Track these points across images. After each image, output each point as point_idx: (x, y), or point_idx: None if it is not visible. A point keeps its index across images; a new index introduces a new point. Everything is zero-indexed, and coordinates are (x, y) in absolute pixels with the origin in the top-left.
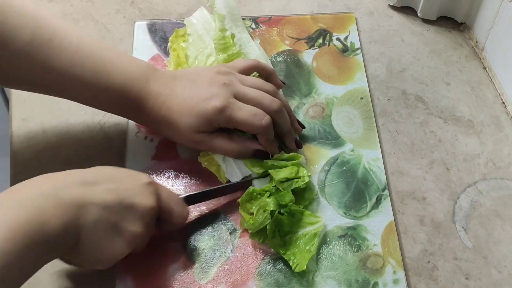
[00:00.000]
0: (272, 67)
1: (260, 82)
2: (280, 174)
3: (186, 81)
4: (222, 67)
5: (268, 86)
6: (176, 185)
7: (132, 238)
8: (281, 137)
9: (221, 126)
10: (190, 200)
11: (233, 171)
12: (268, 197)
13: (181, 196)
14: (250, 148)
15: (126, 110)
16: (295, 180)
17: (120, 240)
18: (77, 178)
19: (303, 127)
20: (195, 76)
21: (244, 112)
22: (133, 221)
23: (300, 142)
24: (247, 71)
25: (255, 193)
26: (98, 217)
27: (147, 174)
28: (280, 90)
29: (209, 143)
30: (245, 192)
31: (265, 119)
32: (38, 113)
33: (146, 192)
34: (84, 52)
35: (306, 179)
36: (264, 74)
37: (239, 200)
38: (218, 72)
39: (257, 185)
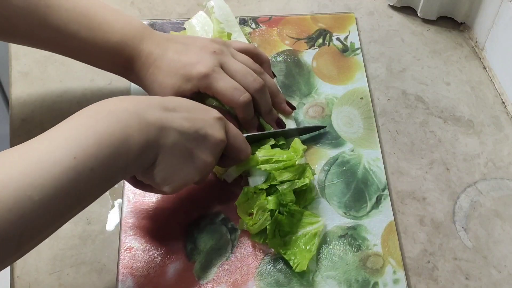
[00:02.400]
0: (267, 57)
1: (250, 61)
2: (283, 175)
3: (179, 44)
4: (218, 39)
5: (256, 66)
6: None
7: (202, 166)
8: (261, 115)
9: (201, 91)
10: (252, 139)
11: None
12: (266, 196)
13: (245, 135)
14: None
15: (118, 67)
16: (296, 180)
17: (192, 166)
18: (158, 102)
19: (293, 108)
20: (189, 40)
21: (225, 84)
22: (205, 150)
23: (282, 121)
24: (242, 52)
25: (250, 193)
26: (176, 141)
27: (217, 110)
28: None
29: None
30: (240, 193)
31: (244, 95)
32: (38, 113)
33: (217, 125)
34: (81, 10)
35: (307, 181)
36: (259, 60)
37: (236, 203)
38: (212, 41)
39: (252, 183)
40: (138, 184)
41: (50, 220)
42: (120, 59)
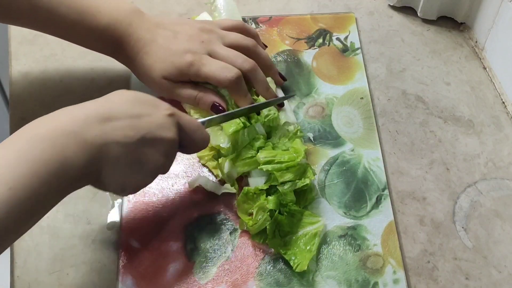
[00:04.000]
0: (255, 31)
1: (240, 37)
2: (285, 176)
3: (168, 31)
4: (206, 24)
5: (248, 41)
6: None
7: (154, 169)
8: (259, 94)
9: (192, 80)
10: (210, 123)
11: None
12: (266, 196)
13: (200, 121)
14: (210, 99)
15: (108, 49)
16: (297, 181)
17: (142, 172)
18: (96, 113)
19: (284, 79)
20: (178, 28)
21: (212, 66)
22: (154, 153)
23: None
24: (230, 30)
25: (250, 193)
26: (119, 154)
27: (168, 104)
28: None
29: (174, 90)
30: (240, 193)
31: (232, 72)
32: (38, 113)
33: (166, 124)
34: None
35: (307, 181)
36: (248, 35)
37: (235, 203)
38: (201, 29)
39: (252, 184)
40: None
41: None
42: (109, 42)
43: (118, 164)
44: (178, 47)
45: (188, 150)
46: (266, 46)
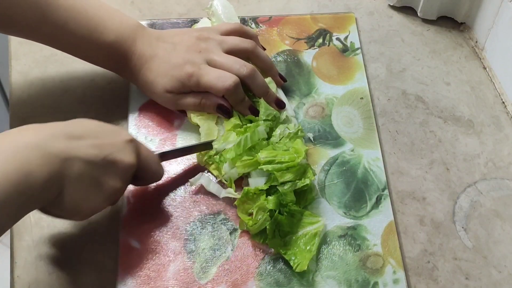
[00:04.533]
0: (254, 32)
1: (238, 40)
2: (285, 176)
3: (168, 44)
4: (204, 32)
5: (247, 43)
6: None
7: (111, 192)
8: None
9: (194, 90)
10: (165, 156)
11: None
12: (266, 196)
13: (156, 153)
14: (214, 102)
15: (113, 65)
16: (297, 181)
17: (100, 194)
18: (62, 130)
19: (284, 80)
20: (177, 39)
21: (210, 76)
22: (114, 176)
23: (281, 101)
24: (229, 34)
25: (250, 193)
26: (81, 171)
27: (128, 132)
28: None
29: (178, 101)
30: (241, 193)
31: (229, 80)
32: (38, 113)
33: (127, 149)
34: (79, 10)
35: (308, 181)
36: (247, 37)
37: (235, 203)
38: (198, 38)
39: (252, 184)
40: (45, 210)
41: None
42: (114, 57)
43: (79, 182)
44: (177, 60)
45: (140, 182)
46: (265, 49)
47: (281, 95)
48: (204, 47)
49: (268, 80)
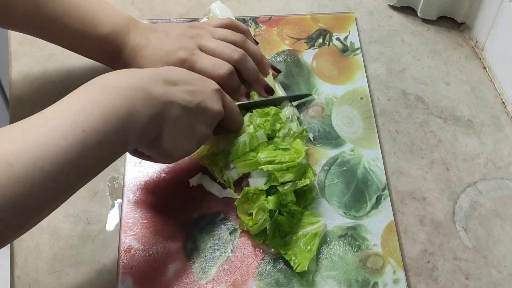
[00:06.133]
0: (246, 26)
1: (228, 32)
2: (286, 176)
3: (160, 32)
4: (195, 23)
5: (237, 35)
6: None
7: (202, 138)
8: (250, 83)
9: None
10: (246, 107)
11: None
12: (266, 197)
13: (238, 104)
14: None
15: (107, 58)
16: (297, 181)
17: (192, 138)
18: (160, 75)
19: (279, 71)
20: (169, 28)
21: (205, 62)
22: (204, 122)
23: (270, 88)
24: (221, 27)
25: (250, 194)
26: (179, 115)
27: (214, 81)
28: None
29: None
30: (240, 193)
31: (224, 68)
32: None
33: (216, 97)
34: (73, 3)
35: (308, 181)
36: (239, 31)
37: (235, 203)
38: (190, 26)
39: (252, 184)
40: (136, 153)
41: (60, 192)
42: (109, 50)
43: (176, 125)
44: (170, 46)
45: (221, 130)
46: (258, 43)
47: (280, 91)
48: (195, 33)
49: (269, 79)
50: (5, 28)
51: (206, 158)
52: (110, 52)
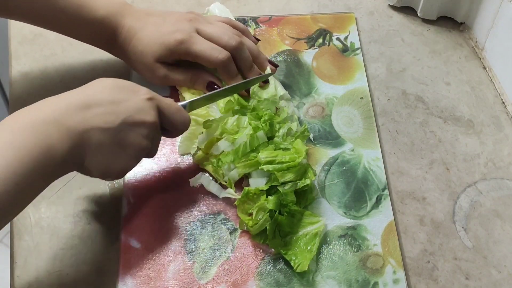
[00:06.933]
0: (244, 26)
1: (227, 26)
2: (286, 176)
3: (157, 17)
4: (194, 11)
5: (234, 31)
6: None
7: (138, 152)
8: (243, 72)
9: (182, 58)
10: (193, 105)
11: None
12: (267, 197)
13: (180, 104)
14: (204, 78)
15: (103, 41)
16: (298, 181)
17: (125, 155)
18: (77, 101)
19: (276, 66)
20: (166, 13)
21: (202, 46)
22: (136, 136)
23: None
24: None
25: (250, 194)
26: (101, 140)
27: (147, 89)
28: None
29: (169, 74)
30: (241, 193)
31: (222, 53)
32: None
33: (146, 108)
34: None
35: (308, 181)
36: (237, 30)
37: (235, 203)
38: (188, 12)
39: (253, 184)
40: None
41: None
42: (104, 33)
43: (101, 150)
44: (167, 28)
45: (170, 134)
46: (258, 40)
47: (280, 89)
48: (193, 17)
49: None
50: (2, 16)
51: (205, 160)
52: (106, 36)
